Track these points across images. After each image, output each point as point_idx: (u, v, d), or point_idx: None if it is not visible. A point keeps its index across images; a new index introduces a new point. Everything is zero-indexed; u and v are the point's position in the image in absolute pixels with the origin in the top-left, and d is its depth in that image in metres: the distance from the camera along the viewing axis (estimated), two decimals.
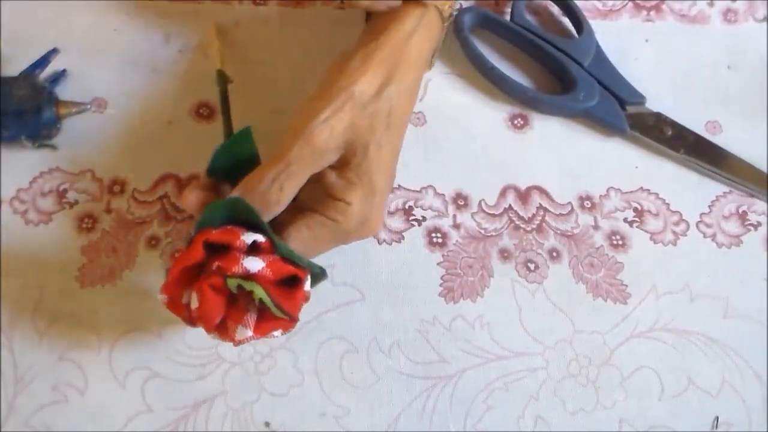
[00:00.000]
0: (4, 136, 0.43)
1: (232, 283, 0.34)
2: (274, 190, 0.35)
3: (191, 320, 0.36)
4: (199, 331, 0.42)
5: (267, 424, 0.40)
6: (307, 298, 0.36)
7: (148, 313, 0.41)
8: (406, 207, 0.45)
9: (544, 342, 0.42)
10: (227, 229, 0.35)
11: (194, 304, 0.34)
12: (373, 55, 0.38)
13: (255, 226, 0.35)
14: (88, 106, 0.45)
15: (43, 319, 0.41)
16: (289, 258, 0.36)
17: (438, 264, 0.44)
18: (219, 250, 0.35)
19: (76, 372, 0.40)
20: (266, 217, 0.36)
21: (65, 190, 0.44)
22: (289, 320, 0.35)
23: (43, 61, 0.46)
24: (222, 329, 0.35)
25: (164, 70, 0.47)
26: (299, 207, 0.38)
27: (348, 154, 0.37)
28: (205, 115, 0.46)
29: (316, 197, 0.38)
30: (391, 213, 0.45)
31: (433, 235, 0.44)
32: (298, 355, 0.41)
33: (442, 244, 0.44)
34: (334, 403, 0.41)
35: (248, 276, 0.34)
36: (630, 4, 0.51)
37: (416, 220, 0.45)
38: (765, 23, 0.51)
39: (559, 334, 0.42)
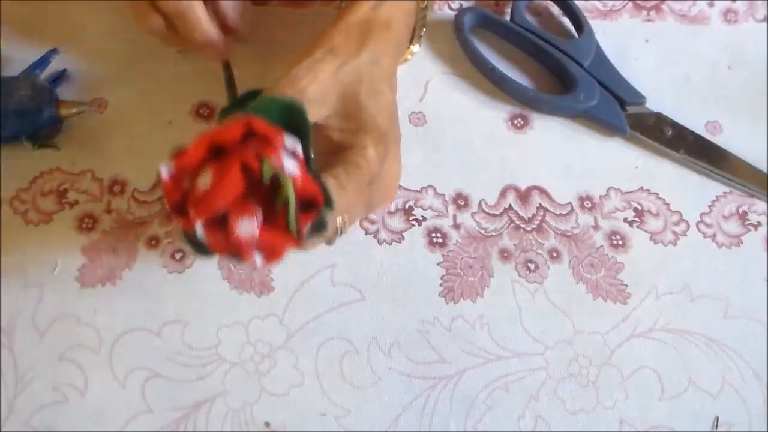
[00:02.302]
0: (4, 136, 0.43)
1: (268, 171, 0.31)
2: None
3: (181, 206, 0.32)
4: (200, 332, 0.42)
5: (267, 424, 0.40)
6: (302, 237, 0.33)
7: (149, 313, 0.42)
8: (406, 207, 0.45)
9: (544, 342, 0.42)
10: (272, 126, 0.33)
11: (204, 182, 0.31)
12: (344, 21, 0.40)
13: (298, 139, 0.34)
14: (88, 106, 0.45)
15: (43, 319, 0.41)
16: (317, 181, 0.34)
17: (438, 264, 0.44)
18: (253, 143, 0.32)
19: (76, 372, 0.40)
20: None
21: (65, 190, 0.44)
22: (293, 240, 0.32)
23: (43, 61, 0.46)
24: (214, 226, 0.32)
25: (164, 70, 0.47)
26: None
27: (343, 109, 0.38)
28: (205, 115, 0.46)
29: (334, 163, 0.38)
30: (391, 213, 0.45)
31: (433, 235, 0.44)
32: (298, 355, 0.41)
33: (442, 244, 0.44)
34: (334, 403, 0.41)
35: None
36: (630, 4, 0.51)
37: (416, 220, 0.45)
38: (765, 23, 0.51)
39: (559, 334, 0.42)
